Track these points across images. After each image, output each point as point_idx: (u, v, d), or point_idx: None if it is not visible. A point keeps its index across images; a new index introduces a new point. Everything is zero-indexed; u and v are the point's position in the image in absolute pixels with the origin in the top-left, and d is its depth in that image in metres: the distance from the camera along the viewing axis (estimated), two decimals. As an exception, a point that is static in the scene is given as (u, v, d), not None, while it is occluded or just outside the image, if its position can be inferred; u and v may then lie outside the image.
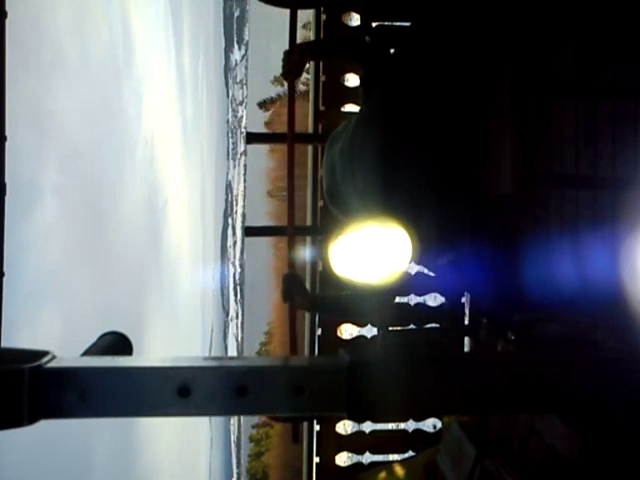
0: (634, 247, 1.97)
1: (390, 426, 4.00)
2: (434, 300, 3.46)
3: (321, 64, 3.23)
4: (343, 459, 3.36)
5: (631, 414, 1.33)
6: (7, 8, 2.29)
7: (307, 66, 2.27)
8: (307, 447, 3.21)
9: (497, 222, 2.01)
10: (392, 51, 2.21)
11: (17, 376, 0.68)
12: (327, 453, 3.22)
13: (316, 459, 3.21)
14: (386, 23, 3.17)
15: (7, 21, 2.30)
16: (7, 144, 2.33)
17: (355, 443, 3.28)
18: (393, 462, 3.18)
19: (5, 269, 2.33)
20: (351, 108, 3.19)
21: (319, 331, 3.21)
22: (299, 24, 2.31)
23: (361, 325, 3.32)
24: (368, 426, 3.37)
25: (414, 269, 3.14)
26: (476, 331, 3.18)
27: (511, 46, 2.10)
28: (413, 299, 3.52)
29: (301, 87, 11.01)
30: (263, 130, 25.62)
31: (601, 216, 2.67)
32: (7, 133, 2.33)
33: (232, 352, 56.06)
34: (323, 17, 3.22)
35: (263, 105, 29.65)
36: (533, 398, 0.79)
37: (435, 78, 1.93)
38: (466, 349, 3.32)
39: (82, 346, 0.93)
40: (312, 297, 2.44)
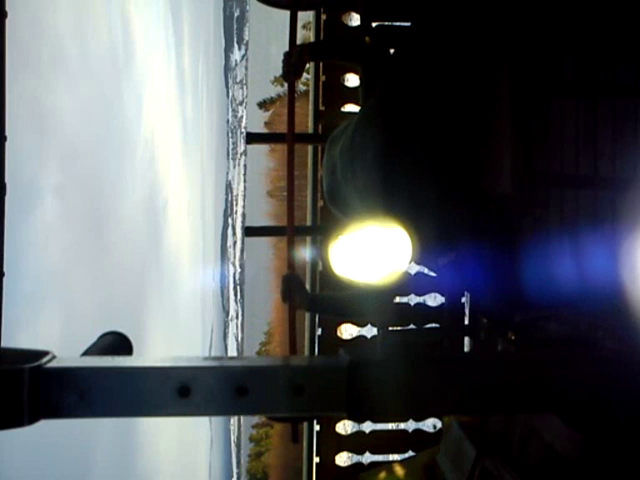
0: (634, 247, 1.98)
1: (390, 426, 4.00)
2: (434, 300, 3.46)
3: (321, 64, 3.22)
4: (343, 459, 3.35)
5: (631, 414, 1.33)
6: (7, 8, 2.29)
7: (307, 66, 2.27)
8: (307, 447, 3.21)
9: (497, 222, 2.01)
10: (392, 51, 2.21)
11: (17, 376, 0.68)
12: (327, 453, 3.22)
13: (316, 459, 3.21)
14: (386, 23, 3.18)
15: (7, 21, 2.30)
16: (7, 144, 2.33)
17: (355, 443, 3.28)
18: (393, 462, 3.18)
19: (5, 269, 2.33)
20: (351, 108, 3.19)
21: (319, 331, 3.21)
22: (299, 24, 2.32)
23: (361, 325, 3.31)
24: (368, 426, 3.36)
25: (414, 269, 3.14)
26: (476, 331, 3.18)
27: (511, 46, 2.10)
28: (413, 299, 3.52)
29: (301, 87, 11.02)
30: (263, 130, 25.58)
31: (601, 216, 2.67)
32: (7, 133, 2.33)
33: (232, 352, 56.07)
34: (323, 17, 3.22)
35: (263, 105, 29.60)
36: (533, 398, 0.79)
37: (435, 78, 1.93)
38: (466, 349, 3.32)
39: (82, 346, 0.93)
40: (312, 297, 2.44)
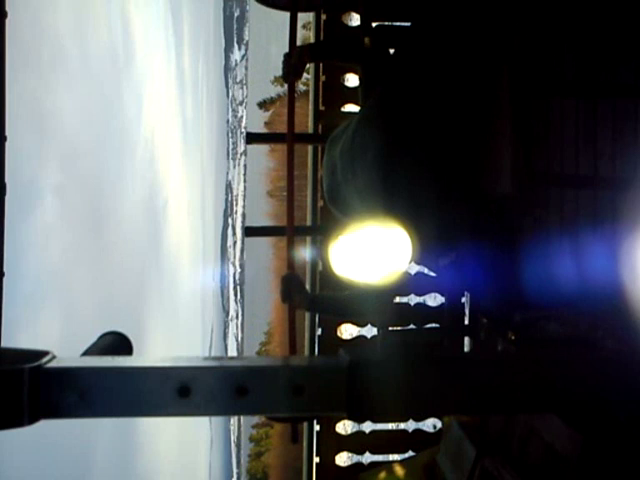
0: (634, 247, 1.98)
1: (390, 426, 4.00)
2: (434, 300, 3.45)
3: (321, 64, 3.23)
4: (343, 459, 3.35)
5: (631, 414, 1.33)
6: (7, 8, 2.29)
7: (307, 66, 2.28)
8: (307, 447, 3.21)
9: (497, 222, 2.01)
10: (392, 51, 2.21)
11: (17, 376, 0.68)
12: (327, 453, 3.22)
13: (316, 459, 3.21)
14: (386, 23, 3.18)
15: (7, 21, 2.30)
16: (7, 144, 2.33)
17: (355, 443, 3.28)
18: (393, 462, 3.18)
19: (5, 269, 2.33)
20: (351, 108, 3.19)
21: (319, 331, 3.21)
22: (299, 24, 2.32)
23: (361, 325, 3.31)
24: (368, 426, 3.36)
25: (414, 269, 3.14)
26: (476, 331, 3.18)
27: (511, 46, 2.10)
28: (413, 299, 3.52)
29: (301, 87, 11.02)
30: (263, 130, 25.57)
31: (601, 216, 2.67)
32: (7, 133, 2.33)
33: (232, 352, 56.07)
34: (323, 17, 3.22)
35: (263, 105, 29.58)
36: (533, 398, 0.79)
37: (435, 78, 1.93)
38: (466, 349, 3.32)
39: (82, 346, 0.93)
40: (312, 297, 2.44)
